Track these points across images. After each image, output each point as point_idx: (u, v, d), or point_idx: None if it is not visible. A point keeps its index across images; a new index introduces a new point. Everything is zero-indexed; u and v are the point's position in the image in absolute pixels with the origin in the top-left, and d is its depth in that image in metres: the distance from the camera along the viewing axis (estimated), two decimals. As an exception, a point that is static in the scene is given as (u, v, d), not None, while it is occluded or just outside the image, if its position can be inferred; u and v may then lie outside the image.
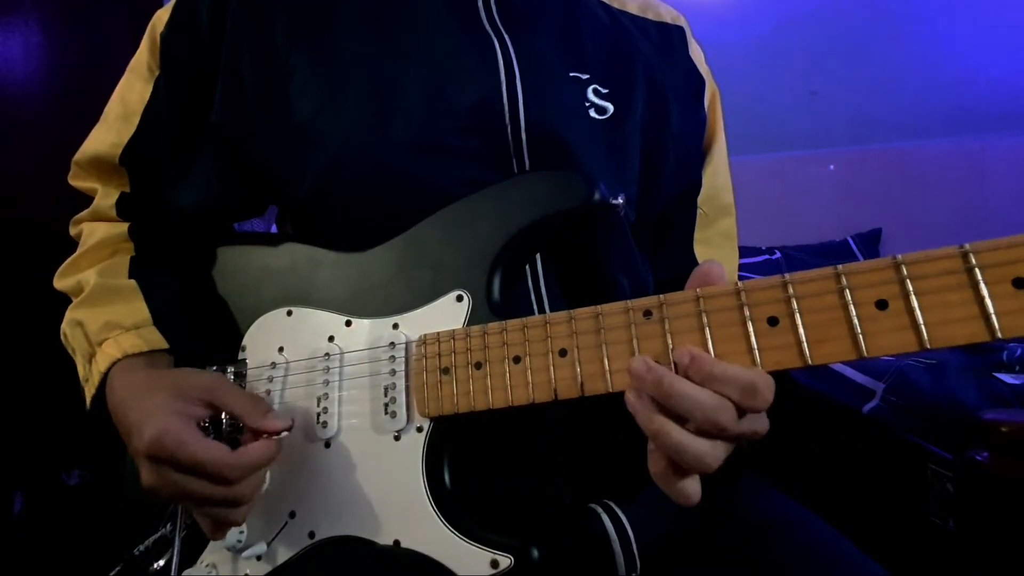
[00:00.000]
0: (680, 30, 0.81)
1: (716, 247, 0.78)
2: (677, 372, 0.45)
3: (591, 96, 0.70)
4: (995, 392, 1.24)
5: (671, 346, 0.46)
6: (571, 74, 0.70)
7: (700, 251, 0.77)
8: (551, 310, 0.62)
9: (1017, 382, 1.25)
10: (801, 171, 2.22)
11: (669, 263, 0.76)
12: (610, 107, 0.70)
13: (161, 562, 0.63)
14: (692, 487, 0.46)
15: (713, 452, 0.45)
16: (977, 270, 0.40)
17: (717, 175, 0.80)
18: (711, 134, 0.80)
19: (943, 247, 0.41)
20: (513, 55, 0.67)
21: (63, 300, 0.70)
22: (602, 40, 0.75)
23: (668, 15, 0.82)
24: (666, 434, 0.44)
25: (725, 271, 0.48)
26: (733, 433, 0.44)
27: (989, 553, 1.07)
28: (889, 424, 1.32)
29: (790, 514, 0.64)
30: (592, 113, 0.69)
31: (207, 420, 0.58)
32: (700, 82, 0.80)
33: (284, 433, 0.57)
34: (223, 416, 0.60)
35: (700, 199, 0.78)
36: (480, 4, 0.69)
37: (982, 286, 0.39)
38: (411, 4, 0.70)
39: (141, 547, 0.64)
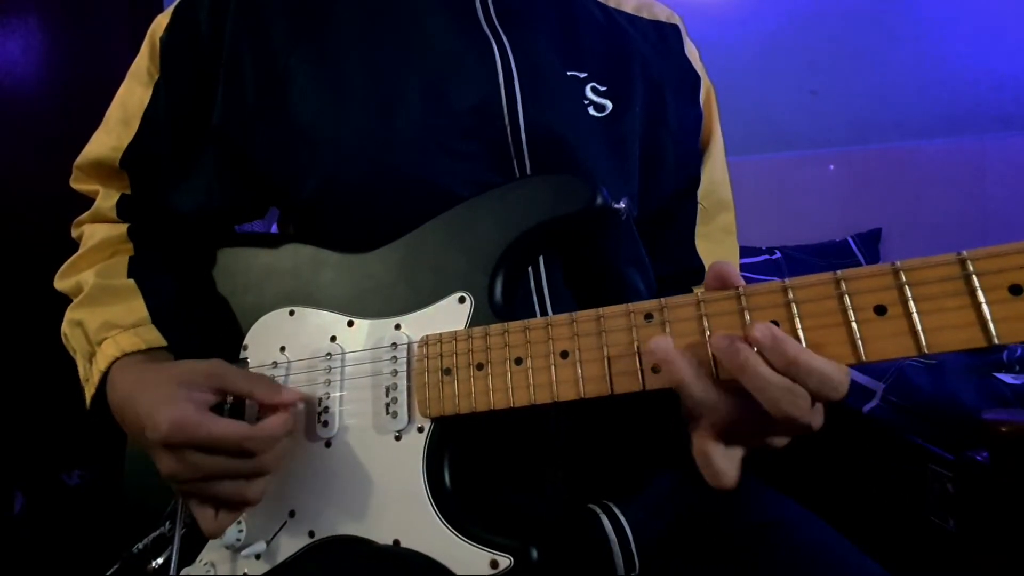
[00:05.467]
0: (675, 28, 0.82)
1: (717, 242, 0.78)
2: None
3: (589, 94, 0.70)
4: (995, 392, 1.24)
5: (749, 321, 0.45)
6: (569, 73, 0.70)
7: (702, 246, 0.78)
8: (553, 312, 0.62)
9: (1017, 382, 1.25)
10: (801, 171, 2.22)
11: (669, 258, 0.77)
12: (609, 104, 0.70)
13: (159, 560, 0.63)
14: (730, 468, 0.46)
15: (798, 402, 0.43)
16: (974, 277, 0.40)
17: (715, 171, 0.80)
18: (708, 131, 0.81)
19: (941, 254, 0.41)
20: (511, 55, 0.67)
21: (63, 301, 0.70)
22: (598, 38, 0.75)
23: (663, 14, 0.83)
24: (752, 367, 0.43)
25: (736, 269, 0.47)
26: (802, 423, 0.44)
27: (989, 553, 1.07)
28: (889, 424, 1.32)
29: (789, 514, 0.64)
30: (591, 111, 0.70)
31: (209, 407, 0.58)
32: (696, 79, 0.80)
33: (300, 406, 0.58)
34: (226, 403, 0.60)
35: (700, 194, 0.78)
36: (478, 4, 0.70)
37: (979, 293, 0.40)
38: (409, 5, 0.70)
39: (139, 545, 0.64)
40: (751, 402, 0.43)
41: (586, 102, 0.70)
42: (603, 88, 0.71)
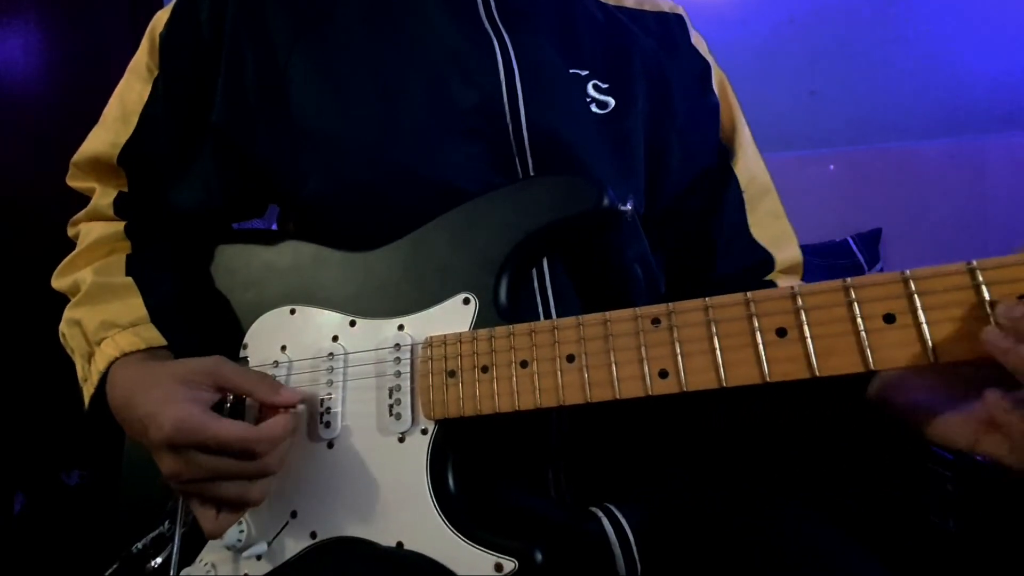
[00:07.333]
0: (679, 18, 0.81)
1: (767, 228, 0.77)
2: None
3: (591, 92, 0.70)
4: (995, 393, 1.24)
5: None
6: (571, 71, 0.70)
7: (755, 234, 0.76)
8: (557, 314, 0.62)
9: (1017, 383, 1.25)
10: (801, 171, 2.22)
11: (729, 257, 0.75)
12: (611, 101, 0.70)
13: (158, 560, 0.62)
14: None
15: None
16: (984, 287, 0.40)
17: (749, 158, 0.79)
18: (729, 118, 0.79)
19: (950, 263, 0.41)
20: (512, 54, 0.67)
21: (62, 300, 0.70)
22: (599, 36, 0.75)
23: (665, 4, 0.82)
24: None
25: None
26: None
27: (989, 553, 1.07)
28: (889, 424, 1.32)
29: (791, 514, 0.64)
30: (593, 108, 0.69)
31: (211, 406, 0.58)
32: (705, 67, 0.79)
33: (301, 407, 0.58)
34: (227, 401, 0.60)
35: (743, 183, 0.77)
36: (479, 3, 0.70)
37: (989, 303, 0.40)
38: (410, 4, 0.70)
39: (139, 545, 0.64)
40: None
41: (588, 99, 0.70)
42: (605, 85, 0.71)
